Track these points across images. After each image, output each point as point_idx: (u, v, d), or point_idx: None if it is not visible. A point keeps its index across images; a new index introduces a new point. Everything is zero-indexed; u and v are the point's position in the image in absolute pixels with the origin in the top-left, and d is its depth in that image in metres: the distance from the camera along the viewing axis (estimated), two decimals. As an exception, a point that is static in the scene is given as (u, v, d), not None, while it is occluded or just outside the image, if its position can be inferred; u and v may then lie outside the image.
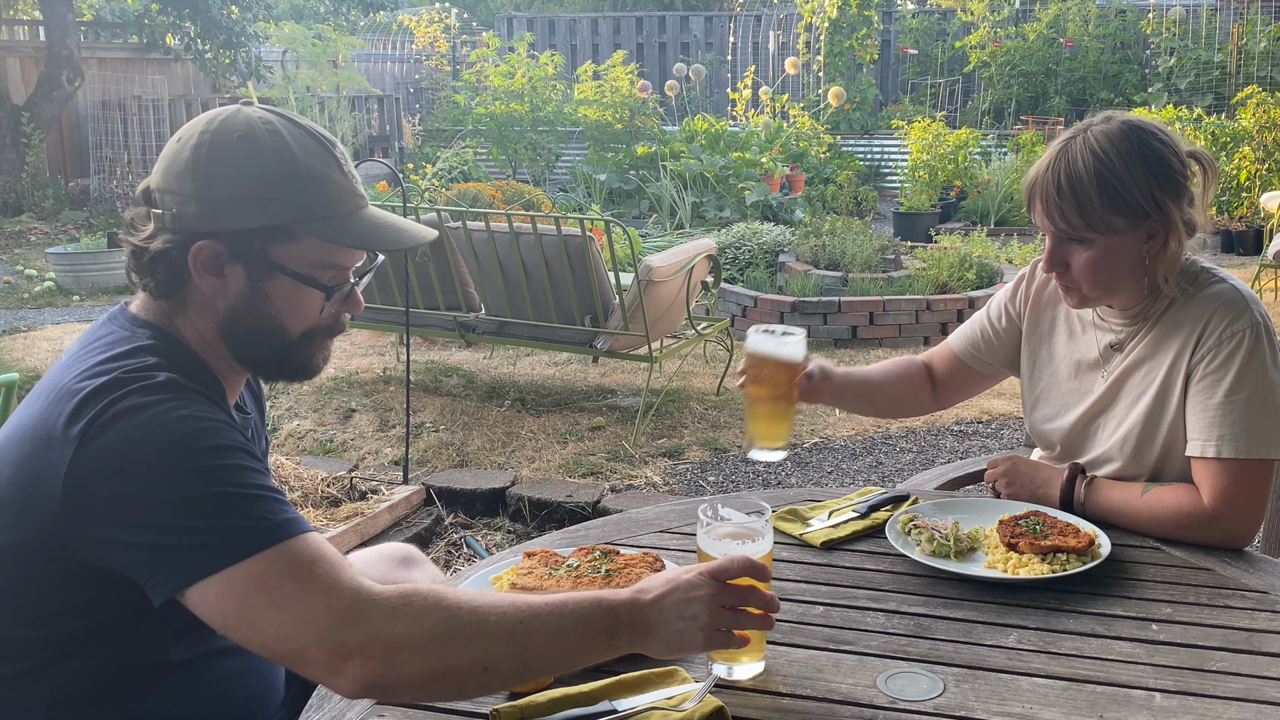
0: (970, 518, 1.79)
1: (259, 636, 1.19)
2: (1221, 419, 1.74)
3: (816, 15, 14.36)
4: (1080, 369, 1.95)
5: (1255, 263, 7.78)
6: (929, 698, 1.31)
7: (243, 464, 1.26)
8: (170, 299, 1.39)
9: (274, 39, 13.04)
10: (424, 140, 14.30)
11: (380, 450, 4.85)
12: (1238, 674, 1.36)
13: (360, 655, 1.16)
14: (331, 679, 1.18)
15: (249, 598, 1.18)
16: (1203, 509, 1.73)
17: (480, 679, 1.21)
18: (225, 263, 1.36)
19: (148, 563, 1.21)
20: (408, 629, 1.18)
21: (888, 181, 13.46)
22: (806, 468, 4.68)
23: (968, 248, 7.71)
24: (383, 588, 1.21)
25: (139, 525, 1.21)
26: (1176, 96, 13.08)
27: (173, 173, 1.36)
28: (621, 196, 11.69)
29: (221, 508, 1.21)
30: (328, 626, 1.17)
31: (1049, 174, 1.76)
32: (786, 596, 1.57)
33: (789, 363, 1.79)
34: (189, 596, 1.21)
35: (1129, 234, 1.76)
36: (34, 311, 8.04)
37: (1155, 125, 1.79)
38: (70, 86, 12.18)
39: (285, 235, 1.36)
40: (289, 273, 1.38)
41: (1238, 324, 1.75)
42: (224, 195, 1.33)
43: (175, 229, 1.35)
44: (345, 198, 1.40)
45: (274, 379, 1.51)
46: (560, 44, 17.45)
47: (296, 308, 1.41)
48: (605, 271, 5.03)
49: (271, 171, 1.34)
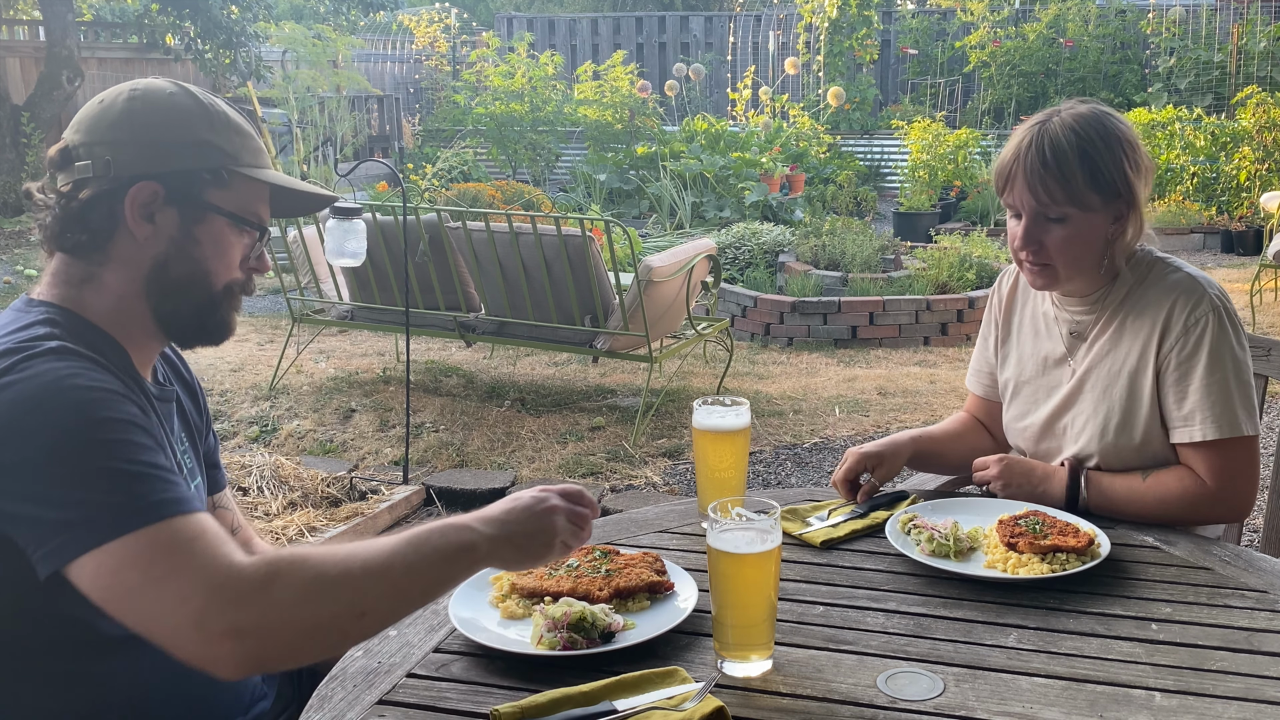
0: (970, 518, 1.79)
1: (135, 615, 1.19)
2: (1202, 402, 1.80)
3: (816, 15, 14.36)
4: (1048, 365, 1.99)
5: (1255, 263, 7.78)
6: (929, 697, 1.31)
7: (132, 439, 1.25)
8: (91, 256, 1.40)
9: (274, 39, 13.02)
10: (424, 140, 14.30)
11: (380, 450, 4.85)
12: (1238, 674, 1.36)
13: (233, 636, 1.16)
14: (205, 661, 1.18)
15: (124, 573, 1.18)
16: (1207, 488, 1.80)
17: (360, 625, 1.23)
18: (160, 207, 1.39)
19: (33, 536, 1.21)
20: (278, 598, 1.18)
21: (888, 181, 13.45)
22: (806, 468, 4.68)
23: (967, 248, 7.71)
24: (251, 560, 1.20)
25: (22, 496, 1.21)
26: (1176, 96, 13.08)
27: (103, 124, 1.39)
28: (621, 196, 11.69)
29: (104, 483, 1.20)
30: (201, 605, 1.16)
31: (1033, 150, 1.81)
32: (786, 596, 1.57)
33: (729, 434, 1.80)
34: (71, 571, 1.20)
35: (1101, 212, 1.82)
36: (34, 311, 8.03)
37: (1119, 115, 1.87)
38: (70, 86, 12.18)
39: (219, 179, 1.42)
40: (224, 213, 1.43)
41: (1200, 309, 1.82)
42: (163, 138, 1.39)
43: (109, 175, 1.37)
44: (263, 154, 1.50)
45: (191, 342, 1.51)
46: (560, 44, 17.45)
47: (223, 254, 1.45)
48: (605, 271, 5.03)
49: (203, 121, 1.42)
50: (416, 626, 1.50)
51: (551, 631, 1.41)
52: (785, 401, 5.50)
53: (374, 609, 1.24)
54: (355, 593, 1.22)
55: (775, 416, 5.27)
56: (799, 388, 5.77)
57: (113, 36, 14.22)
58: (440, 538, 1.29)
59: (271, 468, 4.25)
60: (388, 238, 5.27)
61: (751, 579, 1.37)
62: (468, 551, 1.30)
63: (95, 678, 1.37)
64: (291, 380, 5.79)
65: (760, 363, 6.39)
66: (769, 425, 5.13)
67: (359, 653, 1.43)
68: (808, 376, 6.06)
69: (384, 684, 1.36)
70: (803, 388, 5.77)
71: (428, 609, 1.54)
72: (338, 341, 6.88)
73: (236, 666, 1.17)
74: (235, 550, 1.21)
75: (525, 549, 1.35)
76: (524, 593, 1.53)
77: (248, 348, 6.64)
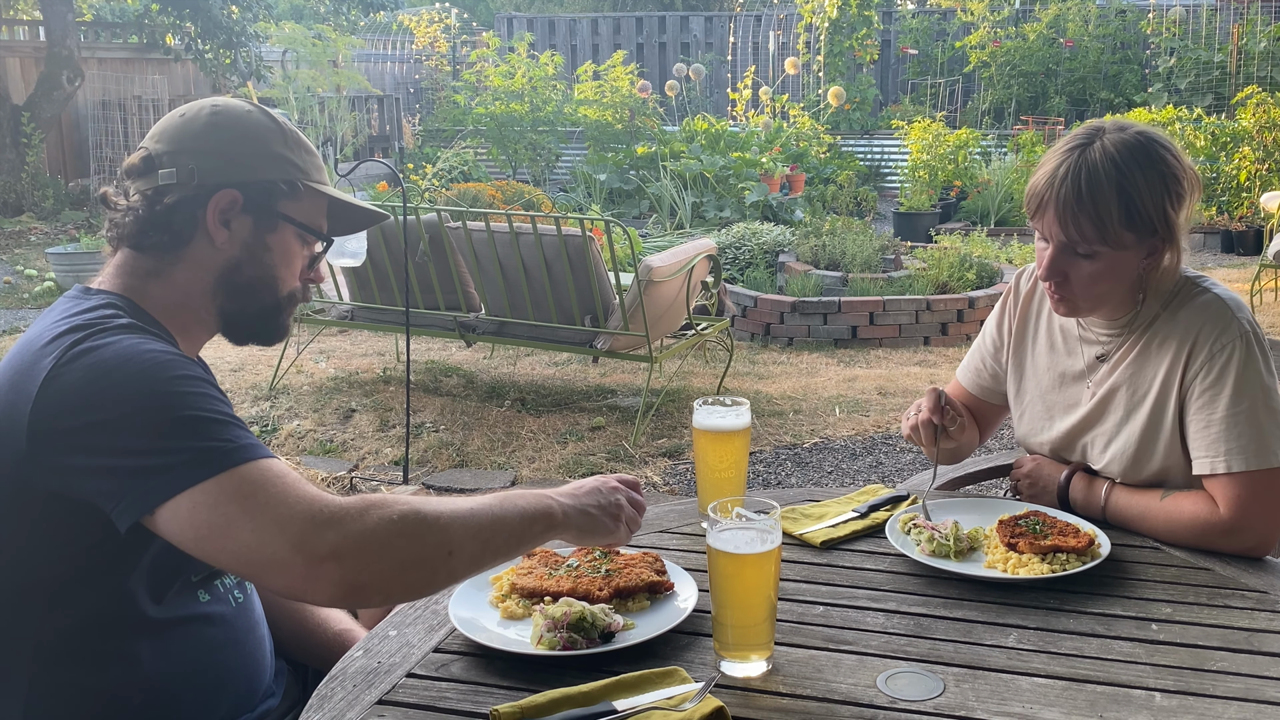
0: (970, 518, 1.79)
1: (233, 545, 1.23)
2: (1227, 433, 1.71)
3: (816, 15, 14.36)
4: (1065, 381, 1.93)
5: (1255, 263, 7.78)
6: (929, 698, 1.31)
7: (207, 392, 1.32)
8: (165, 256, 1.48)
9: (274, 39, 13.02)
10: (424, 140, 14.30)
11: (380, 450, 4.85)
12: (1238, 674, 1.36)
13: (334, 558, 1.22)
14: (306, 585, 1.23)
15: (222, 506, 1.23)
16: (1220, 518, 1.71)
17: (448, 564, 1.30)
18: (236, 214, 1.49)
19: (114, 488, 1.26)
20: (376, 524, 1.25)
21: (888, 181, 13.45)
22: (806, 468, 4.68)
23: (968, 248, 7.71)
24: (347, 498, 1.27)
25: (108, 450, 1.26)
26: (1176, 96, 13.08)
27: (188, 135, 1.49)
28: (621, 196, 11.69)
29: (190, 430, 1.27)
30: (302, 529, 1.22)
31: (1068, 181, 1.70)
32: (786, 596, 1.57)
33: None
34: (159, 516, 1.25)
35: (1134, 250, 1.73)
36: (34, 312, 8.04)
37: (1166, 138, 1.76)
38: (70, 86, 12.17)
39: (293, 191, 1.52)
40: (294, 223, 1.53)
41: (1226, 336, 1.73)
42: (245, 151, 1.50)
43: (193, 183, 1.47)
44: (324, 171, 1.61)
45: (246, 340, 1.60)
46: (560, 44, 17.45)
47: (289, 262, 1.55)
48: (605, 271, 5.03)
49: (279, 137, 1.53)
50: (416, 627, 1.50)
51: (551, 631, 1.41)
52: (785, 401, 5.50)
53: (460, 550, 1.31)
54: (444, 531, 1.30)
55: (775, 416, 5.27)
56: (799, 388, 5.77)
57: (113, 36, 14.22)
58: (522, 498, 1.40)
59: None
60: (388, 238, 5.27)
61: (751, 579, 1.36)
62: (546, 514, 1.41)
63: (126, 659, 1.40)
64: (292, 380, 5.80)
65: (760, 363, 6.40)
66: (769, 425, 5.13)
67: (359, 652, 1.43)
68: (808, 376, 6.06)
69: (384, 684, 1.35)
70: (803, 388, 5.77)
71: (428, 609, 1.54)
72: (338, 341, 6.88)
73: (334, 589, 1.23)
74: (321, 490, 1.29)
75: (597, 520, 1.47)
76: (524, 593, 1.53)
77: (248, 347, 6.64)
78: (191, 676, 1.46)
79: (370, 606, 1.61)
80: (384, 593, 1.29)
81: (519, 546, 1.40)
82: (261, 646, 1.58)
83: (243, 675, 1.53)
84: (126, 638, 1.40)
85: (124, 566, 1.37)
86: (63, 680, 1.38)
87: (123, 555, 1.36)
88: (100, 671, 1.39)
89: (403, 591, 1.33)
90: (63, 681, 1.38)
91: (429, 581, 1.32)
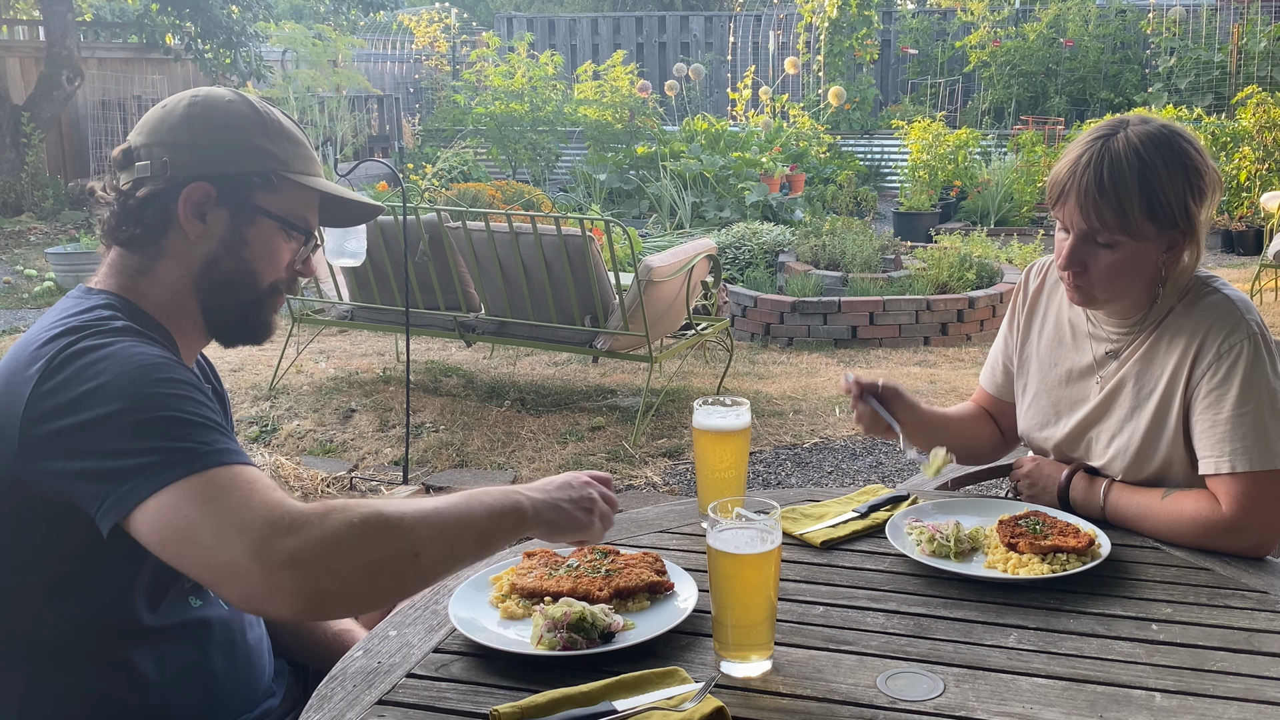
0: (970, 518, 1.79)
1: (192, 550, 1.20)
2: (1232, 433, 1.71)
3: (816, 15, 14.36)
4: (1072, 376, 1.93)
5: (1255, 263, 7.78)
6: (929, 698, 1.31)
7: (190, 395, 1.30)
8: (145, 250, 1.46)
9: (274, 39, 13.03)
10: (424, 140, 14.29)
11: (380, 450, 4.85)
12: (1238, 674, 1.36)
13: (292, 566, 1.18)
14: (265, 595, 1.19)
15: (184, 509, 1.21)
16: (1222, 516, 1.70)
17: (414, 567, 1.26)
18: (211, 208, 1.45)
19: (97, 491, 1.24)
20: (337, 529, 1.21)
21: (888, 181, 13.45)
22: (806, 468, 4.68)
23: (968, 248, 7.71)
24: (310, 504, 1.25)
25: (88, 452, 1.25)
26: (1176, 96, 13.08)
27: (164, 127, 1.46)
28: (621, 196, 11.69)
29: (166, 430, 1.25)
30: (260, 534, 1.18)
31: (1090, 169, 1.70)
32: (786, 596, 1.57)
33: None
34: (135, 519, 1.23)
35: (1154, 241, 1.73)
36: (34, 312, 8.04)
37: (1190, 134, 1.76)
38: (70, 86, 12.17)
39: (269, 183, 1.48)
40: (274, 216, 1.49)
41: (1234, 336, 1.74)
42: (218, 142, 1.46)
43: (165, 175, 1.44)
44: (314, 163, 1.56)
45: (234, 340, 1.57)
46: (560, 44, 17.45)
47: (271, 255, 1.51)
48: (605, 271, 5.03)
49: (258, 127, 1.48)
50: (416, 627, 1.50)
51: (551, 631, 1.41)
52: (785, 401, 5.50)
53: (427, 551, 1.27)
54: (408, 533, 1.26)
55: (775, 416, 5.27)
56: (799, 388, 5.77)
57: (113, 36, 14.21)
58: (488, 495, 1.37)
59: (271, 468, 4.25)
60: (388, 238, 5.27)
61: (751, 579, 1.36)
62: (515, 509, 1.38)
63: (123, 664, 1.40)
64: (291, 380, 5.79)
65: (760, 363, 6.40)
66: (769, 425, 5.13)
67: (359, 653, 1.43)
68: (808, 376, 6.06)
69: (384, 684, 1.35)
70: (803, 388, 5.77)
71: (428, 609, 1.54)
72: (338, 341, 6.88)
73: (295, 599, 1.18)
74: (290, 497, 1.26)
75: (568, 513, 1.45)
76: (524, 593, 1.53)
77: (247, 347, 6.63)
78: (188, 680, 1.45)
79: (335, 617, 1.55)
80: (349, 600, 1.24)
81: (489, 544, 1.36)
82: (259, 647, 1.58)
83: (240, 677, 1.53)
84: (123, 643, 1.40)
85: (125, 572, 1.36)
86: (59, 683, 1.38)
87: (121, 560, 1.35)
88: (97, 676, 1.39)
89: (369, 598, 1.27)
90: (59, 685, 1.38)
91: (395, 586, 1.27)
